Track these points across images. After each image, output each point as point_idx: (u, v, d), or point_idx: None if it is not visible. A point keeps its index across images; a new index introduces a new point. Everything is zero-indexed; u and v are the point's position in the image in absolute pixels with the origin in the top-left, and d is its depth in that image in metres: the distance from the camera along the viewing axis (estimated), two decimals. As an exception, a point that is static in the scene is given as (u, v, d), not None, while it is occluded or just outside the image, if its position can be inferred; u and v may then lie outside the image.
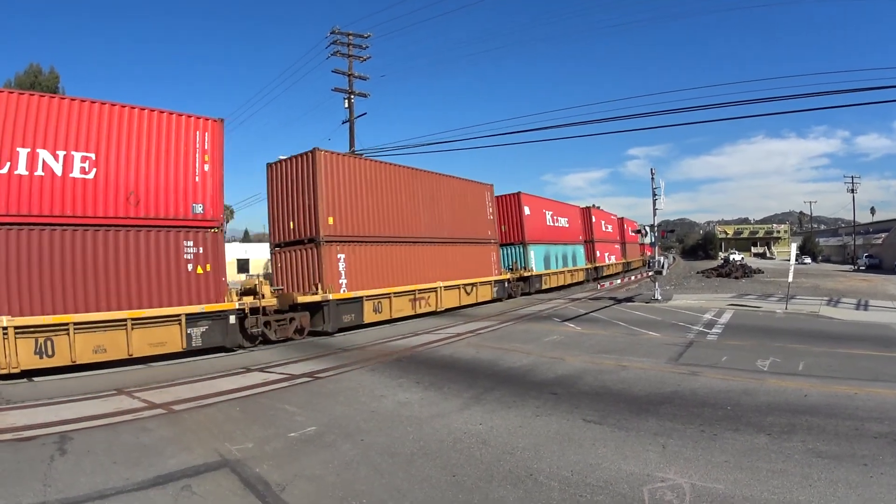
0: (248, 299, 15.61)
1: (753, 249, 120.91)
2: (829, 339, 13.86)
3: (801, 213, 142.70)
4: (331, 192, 18.72)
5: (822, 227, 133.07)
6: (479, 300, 26.52)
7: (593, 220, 47.33)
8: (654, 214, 26.51)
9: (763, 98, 18.99)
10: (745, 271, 48.11)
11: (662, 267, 27.03)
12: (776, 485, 5.30)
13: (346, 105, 31.69)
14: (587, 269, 43.75)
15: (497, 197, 31.07)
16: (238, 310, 15.08)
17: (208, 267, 14.61)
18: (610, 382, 9.99)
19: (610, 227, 55.00)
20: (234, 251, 47.68)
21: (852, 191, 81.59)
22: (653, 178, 26.34)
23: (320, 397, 9.54)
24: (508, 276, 29.89)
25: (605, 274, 48.09)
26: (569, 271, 39.20)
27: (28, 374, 11.58)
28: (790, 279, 22.80)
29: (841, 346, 12.96)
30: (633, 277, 36.89)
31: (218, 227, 15.03)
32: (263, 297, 15.85)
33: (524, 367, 11.74)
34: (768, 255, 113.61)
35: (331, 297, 17.83)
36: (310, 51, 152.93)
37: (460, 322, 20.33)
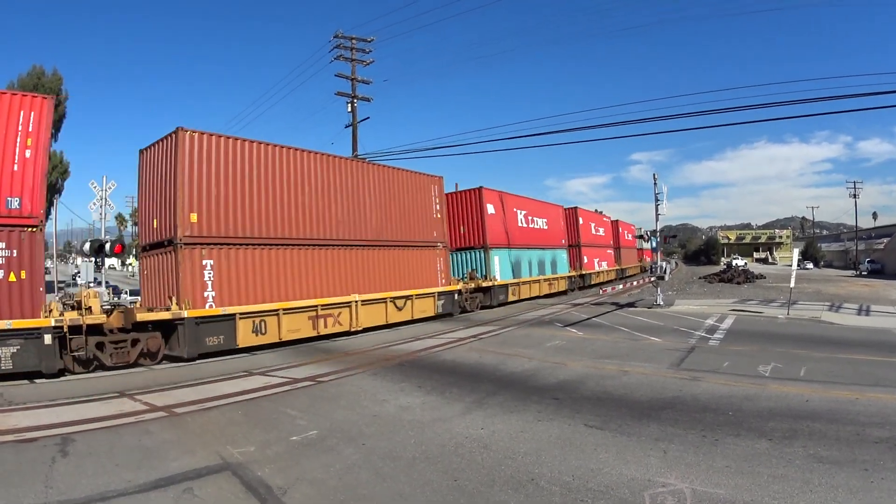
0: (73, 314, 12.78)
1: (756, 255, 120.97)
2: (831, 345, 13.86)
3: (803, 218, 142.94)
4: (196, 182, 15.06)
5: (825, 232, 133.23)
6: (417, 317, 21.86)
7: (580, 221, 43.29)
8: (657, 219, 26.57)
9: (765, 103, 19.03)
10: (747, 276, 48.05)
11: (665, 272, 27.02)
12: (777, 490, 5.31)
13: (350, 109, 31.77)
14: (570, 278, 39.45)
15: (455, 193, 28.33)
16: (55, 327, 12.17)
17: (23, 274, 12.14)
18: (611, 388, 9.99)
19: (602, 230, 51.22)
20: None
21: (854, 196, 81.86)
22: (655, 184, 26.40)
23: (322, 401, 9.56)
24: (460, 286, 25.34)
25: (593, 282, 43.99)
26: (546, 280, 34.82)
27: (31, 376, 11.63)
28: (792, 284, 22.80)
29: (842, 351, 12.96)
30: (634, 283, 36.02)
31: (37, 226, 12.59)
32: (90, 311, 12.88)
33: (526, 371, 11.76)
34: (770, 260, 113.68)
35: (185, 314, 14.07)
36: (313, 55, 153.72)
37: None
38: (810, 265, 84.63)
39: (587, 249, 44.10)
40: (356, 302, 18.85)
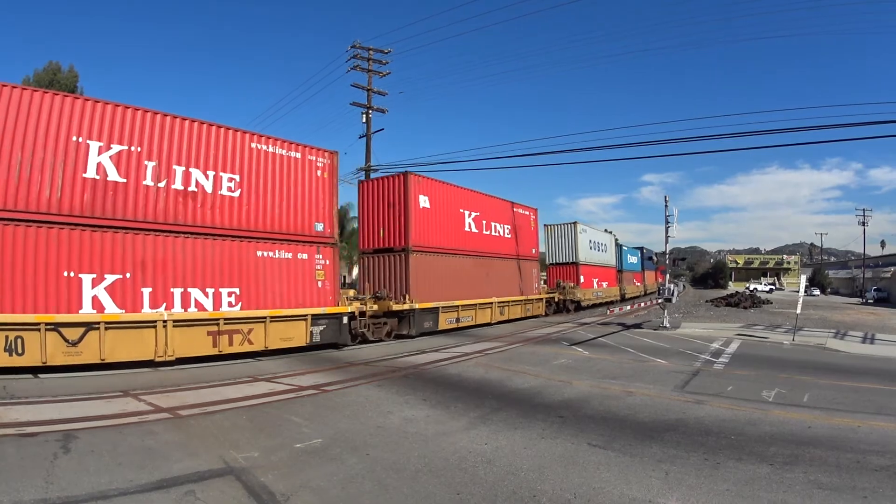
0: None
1: (763, 279, 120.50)
2: (835, 372, 13.82)
3: (811, 244, 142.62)
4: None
5: (832, 259, 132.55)
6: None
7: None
8: (667, 241, 26.57)
9: (777, 129, 19.12)
10: (754, 301, 47.88)
11: (672, 294, 27.01)
12: (777, 515, 5.34)
13: (364, 120, 32.00)
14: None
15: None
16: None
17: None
18: (616, 408, 10.01)
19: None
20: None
21: (863, 223, 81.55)
22: (666, 206, 26.42)
23: (327, 410, 9.60)
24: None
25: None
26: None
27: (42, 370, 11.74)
28: (798, 311, 22.76)
29: (846, 378, 12.93)
30: (641, 305, 35.15)
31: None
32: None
33: (531, 389, 11.78)
34: (777, 285, 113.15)
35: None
36: (329, 64, 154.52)
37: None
38: (817, 292, 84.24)
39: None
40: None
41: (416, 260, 21.55)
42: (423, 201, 22.45)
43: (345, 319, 17.91)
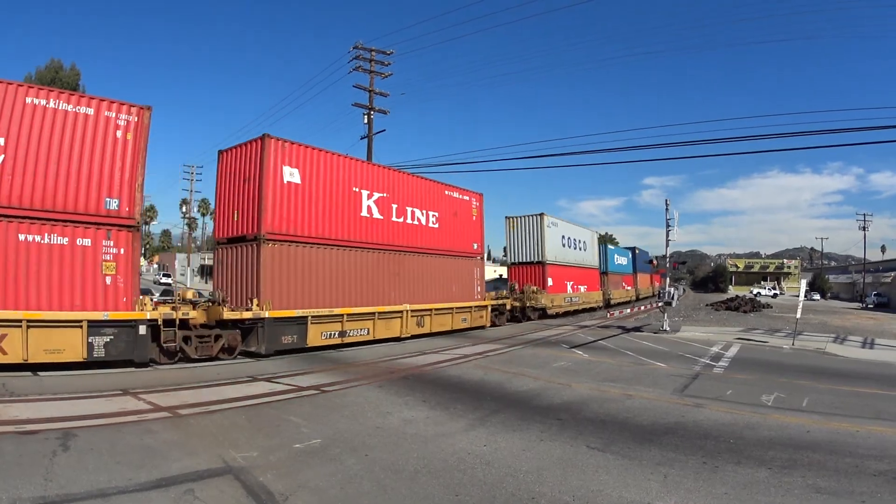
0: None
1: (765, 283, 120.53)
2: (834, 377, 13.85)
3: (811, 248, 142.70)
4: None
5: (833, 263, 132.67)
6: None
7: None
8: (667, 245, 26.65)
9: (778, 133, 19.16)
10: (754, 305, 47.94)
11: (672, 298, 27.02)
12: (775, 519, 5.35)
13: (366, 121, 31.95)
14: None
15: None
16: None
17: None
18: (615, 411, 10.03)
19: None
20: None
21: (864, 228, 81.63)
22: (667, 209, 26.49)
23: (326, 410, 9.61)
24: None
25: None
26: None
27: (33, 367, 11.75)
28: (798, 315, 22.78)
29: (845, 383, 12.96)
30: (642, 307, 34.61)
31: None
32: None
33: (531, 391, 11.79)
34: (777, 289, 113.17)
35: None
36: (331, 65, 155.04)
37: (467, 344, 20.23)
38: (817, 296, 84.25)
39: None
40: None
41: (272, 252, 16.12)
42: (290, 175, 16.99)
43: (142, 329, 13.29)
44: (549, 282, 31.97)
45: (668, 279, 28.12)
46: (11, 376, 11.14)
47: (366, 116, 31.97)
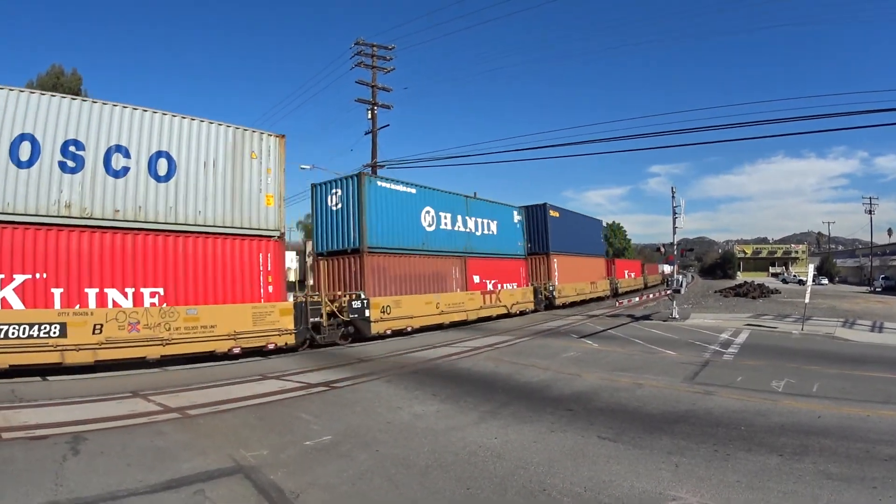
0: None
1: (771, 269, 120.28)
2: (844, 361, 13.77)
3: (819, 233, 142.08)
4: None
5: (840, 247, 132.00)
6: None
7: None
8: (674, 232, 26.60)
9: (782, 118, 18.95)
10: (762, 291, 47.81)
11: (681, 286, 26.98)
12: (787, 506, 5.33)
13: (369, 116, 31.92)
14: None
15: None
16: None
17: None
18: (625, 400, 10.01)
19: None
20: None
21: (870, 212, 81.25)
22: (673, 197, 26.41)
23: (336, 407, 9.63)
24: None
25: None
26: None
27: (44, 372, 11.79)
28: (807, 300, 22.69)
29: (855, 367, 12.88)
30: (650, 295, 34.64)
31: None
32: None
33: (541, 382, 11.79)
34: (785, 275, 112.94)
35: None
36: (332, 62, 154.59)
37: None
38: (825, 281, 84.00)
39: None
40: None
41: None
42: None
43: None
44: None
45: (675, 266, 28.14)
46: (20, 382, 11.22)
47: (369, 112, 31.93)
